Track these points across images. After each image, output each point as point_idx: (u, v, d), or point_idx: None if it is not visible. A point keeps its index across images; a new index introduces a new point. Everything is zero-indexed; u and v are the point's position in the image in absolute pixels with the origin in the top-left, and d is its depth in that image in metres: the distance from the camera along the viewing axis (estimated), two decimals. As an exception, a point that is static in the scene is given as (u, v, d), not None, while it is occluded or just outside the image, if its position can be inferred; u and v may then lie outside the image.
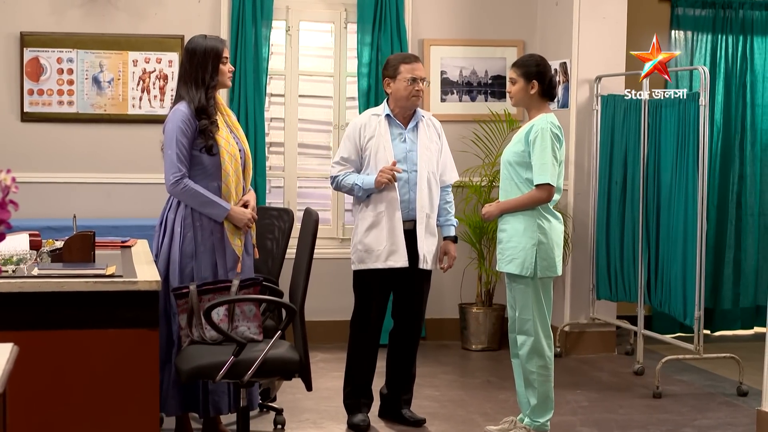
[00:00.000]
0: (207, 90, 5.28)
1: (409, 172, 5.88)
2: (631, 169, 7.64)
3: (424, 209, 5.88)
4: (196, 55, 5.29)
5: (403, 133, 5.93)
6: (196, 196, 5.21)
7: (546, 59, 5.71)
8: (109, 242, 5.63)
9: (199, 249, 5.25)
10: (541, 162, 5.47)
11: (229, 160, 5.26)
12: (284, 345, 4.85)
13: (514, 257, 5.55)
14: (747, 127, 8.96)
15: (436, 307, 8.32)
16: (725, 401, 6.81)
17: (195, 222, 5.25)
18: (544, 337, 5.59)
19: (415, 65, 5.91)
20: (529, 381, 5.63)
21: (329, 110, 8.39)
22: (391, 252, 5.85)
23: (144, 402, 4.39)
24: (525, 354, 5.61)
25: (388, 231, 5.84)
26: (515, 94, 5.64)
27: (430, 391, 6.87)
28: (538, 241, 5.52)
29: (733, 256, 9.01)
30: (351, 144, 5.94)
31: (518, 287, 5.61)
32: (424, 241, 5.89)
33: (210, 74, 5.28)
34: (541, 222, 5.55)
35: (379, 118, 5.95)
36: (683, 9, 8.92)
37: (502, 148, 8.03)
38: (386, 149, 5.86)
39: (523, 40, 8.49)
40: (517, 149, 5.57)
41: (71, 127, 7.83)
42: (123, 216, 7.71)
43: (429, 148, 5.93)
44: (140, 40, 7.86)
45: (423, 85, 5.90)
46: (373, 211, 5.89)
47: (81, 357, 4.32)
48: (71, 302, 4.29)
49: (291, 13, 8.22)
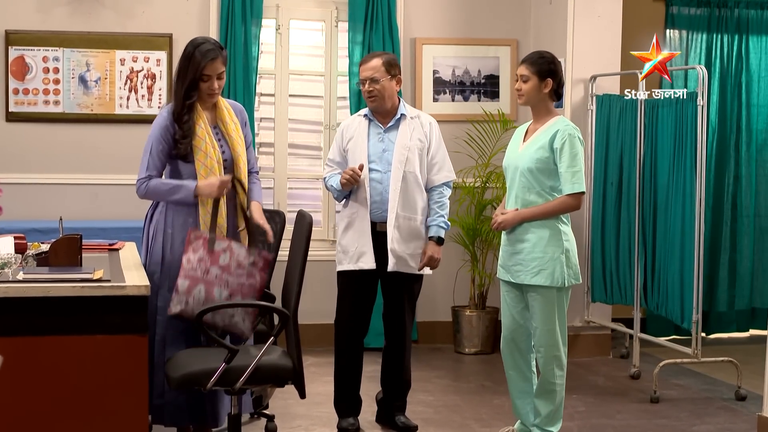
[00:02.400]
0: (184, 100, 5.02)
1: (383, 172, 5.79)
2: (627, 170, 7.54)
3: (395, 210, 5.76)
4: (181, 60, 5.07)
5: (380, 132, 5.84)
6: (160, 189, 5.03)
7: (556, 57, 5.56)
8: (96, 245, 5.52)
9: (166, 258, 5.04)
10: (574, 170, 5.29)
11: (205, 173, 5.01)
12: (277, 351, 4.73)
13: (542, 268, 5.34)
14: (742, 127, 8.89)
15: (428, 310, 8.24)
16: (724, 406, 6.71)
17: (167, 228, 5.07)
18: (563, 346, 5.45)
19: (363, 66, 5.85)
20: (548, 391, 5.46)
21: (320, 110, 8.28)
22: (360, 253, 5.79)
23: (132, 409, 4.28)
24: (545, 364, 5.42)
25: (358, 232, 5.80)
26: (527, 92, 5.42)
27: (424, 396, 6.76)
28: (565, 248, 5.37)
29: (728, 258, 8.93)
30: (336, 146, 5.95)
31: (540, 299, 5.39)
32: (399, 243, 5.77)
33: (185, 89, 5.01)
34: (563, 228, 5.39)
35: (361, 118, 5.91)
36: (678, 8, 8.84)
37: (495, 149, 7.97)
38: (361, 149, 5.80)
39: (516, 39, 8.39)
40: (540, 156, 5.35)
41: (57, 127, 7.72)
42: (110, 218, 7.60)
43: (407, 147, 5.80)
44: (128, 38, 7.75)
45: (371, 86, 5.74)
46: (349, 211, 5.87)
47: (68, 364, 4.21)
48: (58, 308, 4.18)
49: (281, 11, 8.11)
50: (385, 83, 5.78)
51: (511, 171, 5.50)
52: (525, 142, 5.48)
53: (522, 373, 5.61)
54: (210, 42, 5.08)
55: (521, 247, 5.41)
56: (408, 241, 5.81)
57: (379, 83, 5.76)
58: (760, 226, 8.96)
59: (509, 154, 5.58)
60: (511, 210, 5.45)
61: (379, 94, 5.78)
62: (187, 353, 4.83)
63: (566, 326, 5.49)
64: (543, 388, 5.48)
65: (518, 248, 5.43)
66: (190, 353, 4.81)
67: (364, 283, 5.87)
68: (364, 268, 5.78)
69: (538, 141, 5.39)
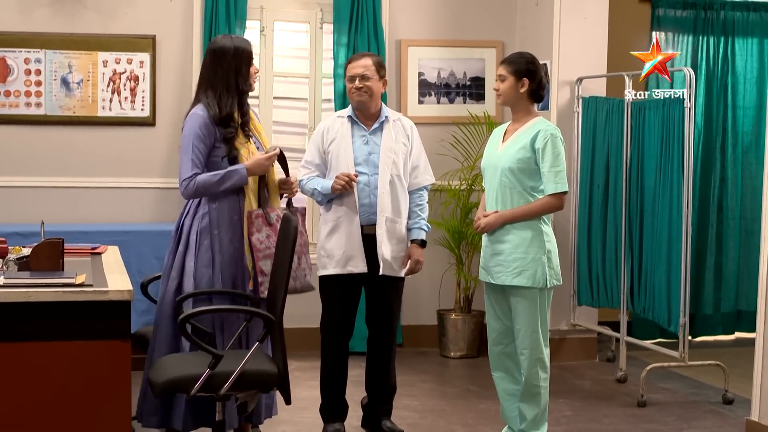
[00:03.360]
0: (241, 96, 5.09)
1: (370, 175, 5.73)
2: (614, 173, 7.51)
3: (384, 213, 5.71)
4: (225, 56, 5.07)
5: (365, 134, 5.78)
6: (210, 181, 5.02)
7: (537, 58, 5.52)
8: (78, 249, 5.46)
9: (216, 258, 5.08)
10: (557, 170, 5.27)
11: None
12: (262, 357, 4.67)
13: (523, 269, 5.30)
14: (728, 129, 8.87)
15: (413, 314, 8.19)
16: (711, 410, 6.68)
17: (212, 230, 5.08)
18: (545, 347, 5.41)
19: (353, 63, 5.78)
20: (532, 394, 5.42)
21: (304, 112, 8.24)
22: (349, 257, 5.72)
23: (115, 416, 4.21)
24: (529, 367, 5.38)
25: (346, 236, 5.72)
26: (504, 91, 5.41)
27: (409, 400, 6.71)
28: (547, 249, 5.33)
29: (714, 261, 8.91)
30: (314, 147, 5.85)
31: (523, 301, 5.35)
32: (386, 247, 5.73)
33: (244, 78, 5.09)
34: (545, 229, 5.36)
35: (343, 119, 5.83)
36: (664, 10, 8.82)
37: (481, 151, 7.91)
38: (346, 152, 5.73)
39: (502, 41, 8.35)
40: (521, 156, 5.32)
41: (39, 130, 7.63)
42: (93, 221, 7.56)
43: (393, 150, 5.76)
44: (110, 40, 7.68)
45: (361, 83, 5.69)
46: (333, 215, 5.78)
47: (50, 370, 4.15)
48: (39, 313, 4.12)
49: (265, 13, 8.06)
50: (374, 82, 5.74)
51: (490, 171, 5.46)
52: (504, 143, 5.45)
53: (511, 375, 5.56)
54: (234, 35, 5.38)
55: (502, 248, 5.37)
56: (393, 244, 5.77)
57: (369, 81, 5.72)
58: (745, 228, 8.93)
59: (488, 154, 5.55)
60: (492, 212, 5.41)
61: (369, 91, 5.73)
62: (171, 358, 4.78)
63: (548, 328, 5.46)
64: (527, 392, 5.43)
65: (499, 249, 5.39)
66: (174, 358, 4.77)
67: (350, 286, 5.82)
68: (354, 272, 5.72)
69: (518, 141, 5.36)
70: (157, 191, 7.76)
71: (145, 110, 7.71)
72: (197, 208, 5.12)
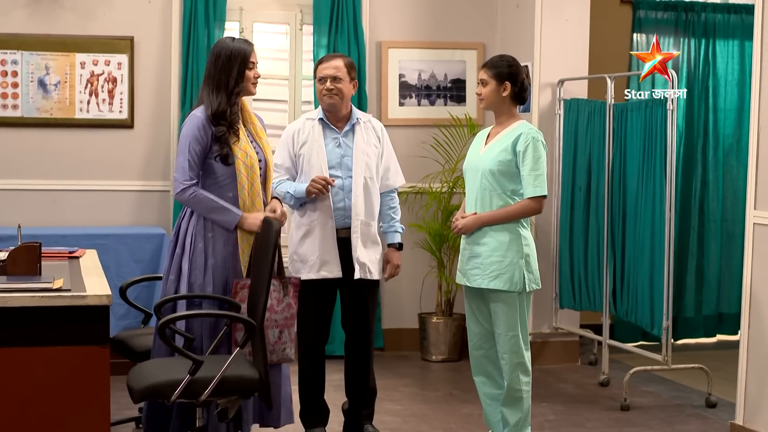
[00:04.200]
0: (230, 95, 5.02)
1: (344, 178, 5.66)
2: (596, 175, 7.47)
3: (359, 216, 5.65)
4: (221, 57, 5.04)
5: (337, 137, 5.71)
6: (205, 203, 4.97)
7: (518, 61, 5.47)
8: (55, 252, 5.40)
9: (208, 262, 5.01)
10: (537, 173, 5.24)
11: (246, 172, 5.01)
12: (243, 362, 4.61)
13: (500, 273, 5.26)
14: (710, 131, 8.85)
15: (394, 317, 8.14)
16: (694, 413, 6.65)
17: (207, 232, 5.02)
18: (526, 351, 5.36)
19: (324, 64, 5.71)
20: (514, 399, 5.37)
21: (284, 114, 8.17)
22: (323, 262, 5.64)
23: (94, 423, 4.15)
24: (510, 371, 5.33)
25: (320, 240, 5.64)
26: (486, 96, 5.36)
27: (391, 405, 6.66)
28: (525, 253, 5.29)
29: (695, 264, 8.89)
30: (284, 150, 5.75)
31: (502, 305, 5.30)
32: (361, 251, 5.67)
33: (235, 79, 5.03)
34: (523, 233, 5.32)
35: (313, 122, 5.74)
36: (645, 12, 8.79)
37: (462, 154, 7.87)
38: (319, 155, 5.65)
39: (483, 42, 8.31)
40: (502, 158, 5.28)
41: (16, 132, 7.55)
42: (70, 224, 7.48)
43: (366, 153, 5.70)
44: (88, 41, 7.59)
45: (332, 84, 5.61)
46: (307, 219, 5.69)
47: (27, 376, 4.08)
48: (16, 318, 4.05)
49: (244, 14, 8.00)
50: (345, 84, 5.67)
51: (471, 173, 5.42)
52: (486, 145, 5.41)
53: (493, 379, 5.51)
54: (237, 38, 5.25)
55: (479, 250, 5.33)
56: (368, 247, 5.71)
57: (340, 82, 5.65)
58: (727, 231, 8.91)
59: (470, 157, 5.51)
60: (470, 214, 5.36)
61: (340, 93, 5.66)
62: (151, 364, 4.71)
63: (528, 331, 5.41)
64: (510, 396, 5.38)
65: (476, 252, 5.34)
66: (154, 364, 4.70)
67: (325, 291, 5.74)
68: (328, 277, 5.66)
69: (500, 144, 5.32)
70: (135, 194, 7.69)
71: (123, 112, 7.64)
72: (193, 211, 5.07)
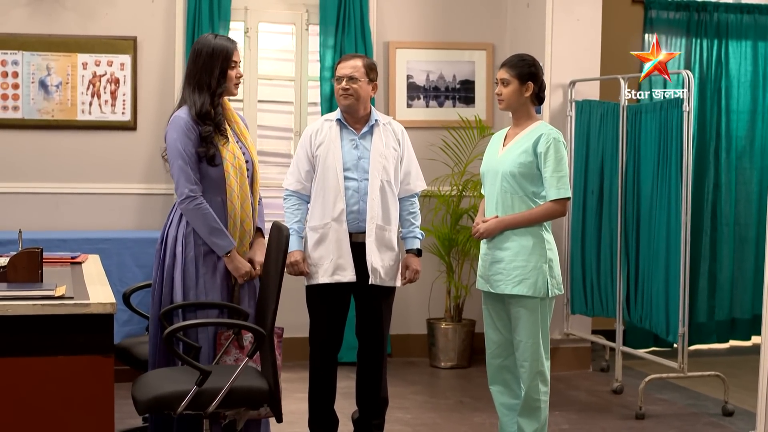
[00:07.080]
0: (213, 96, 4.86)
1: (359, 180, 5.54)
2: (609, 178, 7.33)
3: (374, 220, 5.53)
4: (201, 55, 4.88)
5: (354, 139, 5.59)
6: (208, 220, 4.79)
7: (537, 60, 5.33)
8: (57, 258, 5.28)
9: (200, 270, 4.85)
10: (560, 174, 5.10)
11: (234, 174, 4.85)
12: (252, 372, 4.46)
13: (524, 278, 5.12)
14: (722, 133, 8.71)
15: (402, 323, 8.01)
16: (711, 422, 6.50)
17: (197, 240, 4.84)
18: (546, 360, 5.22)
19: (342, 63, 5.61)
20: (532, 408, 5.21)
21: (290, 116, 8.06)
22: (337, 266, 5.53)
23: (97, 433, 4.04)
24: (529, 380, 5.18)
25: (334, 244, 5.52)
26: (507, 96, 5.21)
27: (401, 413, 6.52)
28: (548, 258, 5.15)
29: (708, 268, 8.74)
30: (303, 152, 5.66)
31: (524, 311, 5.16)
32: (376, 255, 5.54)
33: (217, 79, 4.86)
34: (546, 236, 5.19)
35: (331, 123, 5.64)
36: (657, 12, 8.65)
37: (472, 156, 7.74)
38: (335, 156, 5.54)
39: (492, 43, 8.18)
40: (523, 160, 5.14)
41: (16, 134, 7.45)
42: (72, 228, 7.39)
43: (384, 155, 5.58)
44: (90, 41, 7.48)
45: (348, 84, 5.51)
46: (320, 223, 5.57)
47: (28, 387, 3.96)
48: (17, 327, 3.92)
49: (250, 13, 7.88)
50: (362, 85, 5.55)
51: (490, 176, 5.28)
52: (505, 147, 5.27)
53: (510, 389, 5.36)
54: (219, 34, 5.09)
55: (502, 255, 5.18)
56: (383, 253, 5.58)
57: (357, 83, 5.53)
58: (739, 234, 8.77)
59: (488, 159, 5.36)
60: (492, 217, 5.21)
61: (355, 93, 5.54)
62: (156, 374, 4.58)
63: (549, 339, 5.26)
64: (527, 406, 5.24)
65: (499, 257, 5.19)
66: (159, 374, 4.56)
67: (339, 296, 5.62)
68: (342, 281, 5.53)
69: (520, 145, 5.17)
70: (138, 197, 7.58)
71: (126, 114, 7.52)
72: (181, 218, 4.90)
